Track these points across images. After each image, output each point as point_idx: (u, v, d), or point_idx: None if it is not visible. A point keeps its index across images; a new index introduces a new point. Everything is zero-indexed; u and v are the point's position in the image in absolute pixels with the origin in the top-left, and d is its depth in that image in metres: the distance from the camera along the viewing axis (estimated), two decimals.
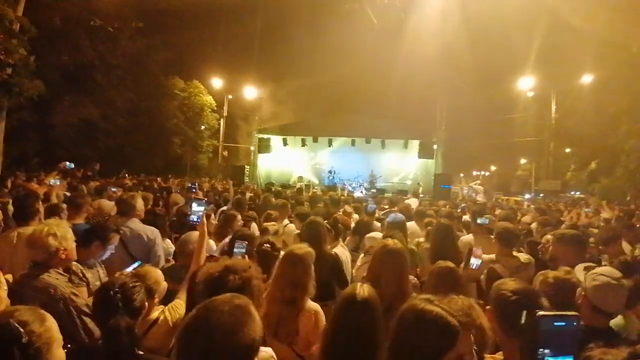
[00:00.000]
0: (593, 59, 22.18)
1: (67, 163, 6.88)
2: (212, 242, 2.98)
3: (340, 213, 5.98)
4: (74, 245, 2.42)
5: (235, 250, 2.58)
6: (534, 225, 5.51)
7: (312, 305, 2.33)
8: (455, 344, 1.21)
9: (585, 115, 23.92)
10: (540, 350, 0.87)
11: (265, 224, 3.93)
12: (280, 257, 2.44)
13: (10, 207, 3.86)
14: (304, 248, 2.48)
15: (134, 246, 3.36)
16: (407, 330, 1.29)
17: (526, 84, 23.91)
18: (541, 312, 0.90)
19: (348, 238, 4.77)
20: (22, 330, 1.21)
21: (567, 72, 23.97)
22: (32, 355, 1.22)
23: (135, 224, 3.55)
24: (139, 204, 3.76)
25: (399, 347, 1.31)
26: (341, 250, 3.97)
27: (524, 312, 0.93)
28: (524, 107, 28.99)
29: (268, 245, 2.78)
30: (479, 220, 4.23)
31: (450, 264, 2.49)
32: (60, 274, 2.33)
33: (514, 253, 3.42)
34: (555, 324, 0.89)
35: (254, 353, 1.12)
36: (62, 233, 2.34)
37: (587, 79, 22.52)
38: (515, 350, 1.44)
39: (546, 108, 25.00)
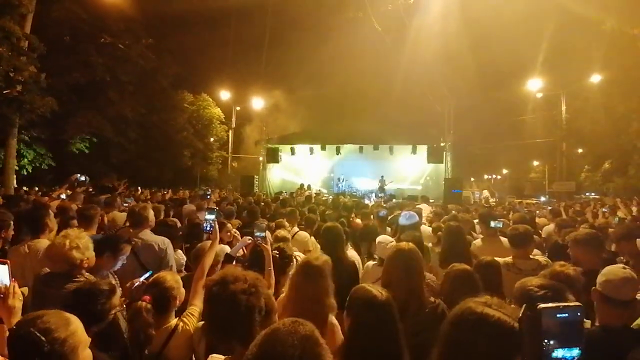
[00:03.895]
0: (601, 58, 21.99)
1: (78, 175, 6.93)
2: (226, 247, 2.97)
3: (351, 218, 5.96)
4: (93, 254, 2.46)
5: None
6: (552, 227, 5.37)
7: (333, 319, 2.15)
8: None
9: (595, 115, 23.65)
10: (546, 342, 0.84)
11: (276, 231, 3.91)
12: (296, 266, 2.33)
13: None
14: (320, 258, 2.31)
15: (145, 256, 3.36)
16: (468, 334, 1.20)
17: (535, 85, 23.73)
18: (542, 305, 0.85)
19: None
20: (43, 339, 1.20)
21: (575, 72, 23.77)
22: None
23: (147, 234, 3.56)
24: (150, 215, 3.78)
25: (456, 351, 1.22)
26: (354, 254, 3.92)
27: (524, 305, 0.89)
28: (533, 109, 28.76)
29: (277, 252, 2.75)
30: (492, 224, 4.12)
31: (467, 267, 2.43)
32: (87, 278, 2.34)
33: (531, 255, 3.33)
34: (558, 315, 0.85)
35: None
36: (83, 244, 2.38)
37: (595, 78, 22.33)
38: None
39: (556, 109, 24.74)
